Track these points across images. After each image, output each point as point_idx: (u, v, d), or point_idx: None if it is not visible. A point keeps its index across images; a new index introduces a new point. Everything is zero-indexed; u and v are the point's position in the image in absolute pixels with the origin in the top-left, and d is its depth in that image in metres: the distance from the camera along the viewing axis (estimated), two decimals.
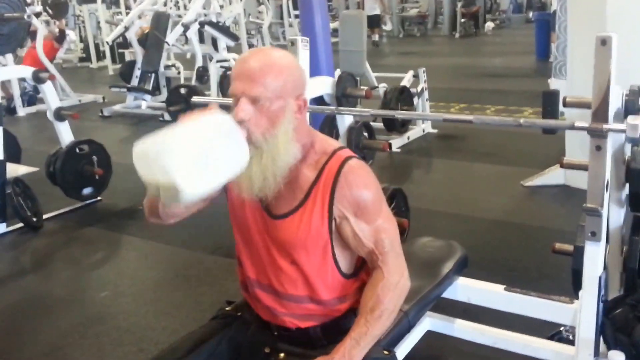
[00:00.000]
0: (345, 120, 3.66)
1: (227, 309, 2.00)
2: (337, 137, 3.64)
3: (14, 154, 5.70)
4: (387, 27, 20.22)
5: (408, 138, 6.81)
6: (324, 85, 3.56)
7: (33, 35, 9.43)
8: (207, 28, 8.86)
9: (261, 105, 1.62)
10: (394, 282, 1.78)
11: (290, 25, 16.15)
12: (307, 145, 1.76)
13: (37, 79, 5.00)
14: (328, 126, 3.73)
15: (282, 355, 1.82)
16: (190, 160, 1.51)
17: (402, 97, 6.40)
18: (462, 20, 19.30)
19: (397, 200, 3.62)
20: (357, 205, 1.74)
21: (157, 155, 1.53)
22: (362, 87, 4.62)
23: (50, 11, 9.73)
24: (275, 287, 1.80)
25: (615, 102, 2.18)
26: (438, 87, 8.98)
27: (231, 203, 1.85)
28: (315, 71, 4.98)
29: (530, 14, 19.54)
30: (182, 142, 1.53)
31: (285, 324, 1.82)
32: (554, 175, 5.07)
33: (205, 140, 1.55)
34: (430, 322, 2.77)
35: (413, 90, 6.82)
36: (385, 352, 1.87)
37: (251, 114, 1.62)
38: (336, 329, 1.82)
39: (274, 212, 1.76)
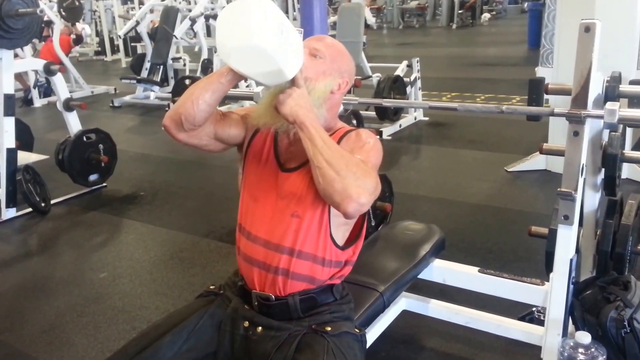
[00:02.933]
0: None
1: (211, 287, 1.99)
2: None
3: (27, 142, 5.71)
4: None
5: (400, 126, 6.75)
6: None
7: (50, 29, 9.43)
8: (212, 22, 8.79)
9: (317, 58, 1.80)
10: (368, 179, 1.61)
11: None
12: (331, 124, 1.86)
13: (48, 71, 4.99)
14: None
15: (259, 329, 1.79)
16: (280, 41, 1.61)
17: (395, 86, 6.34)
18: (460, 11, 19.17)
19: (381, 186, 3.55)
20: (358, 144, 1.76)
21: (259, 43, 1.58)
22: None
23: (64, 14, 9.66)
24: (271, 240, 1.78)
25: (596, 89, 2.12)
26: (432, 76, 8.92)
27: (250, 155, 1.90)
28: None
29: (526, 5, 19.37)
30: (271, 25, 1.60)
31: (265, 291, 1.80)
32: (536, 161, 5.04)
33: (285, 26, 1.64)
34: (405, 302, 2.73)
35: (407, 79, 6.75)
36: (357, 330, 1.84)
37: (306, 59, 1.75)
38: (313, 301, 1.81)
39: (286, 165, 1.82)
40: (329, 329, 1.76)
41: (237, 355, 1.80)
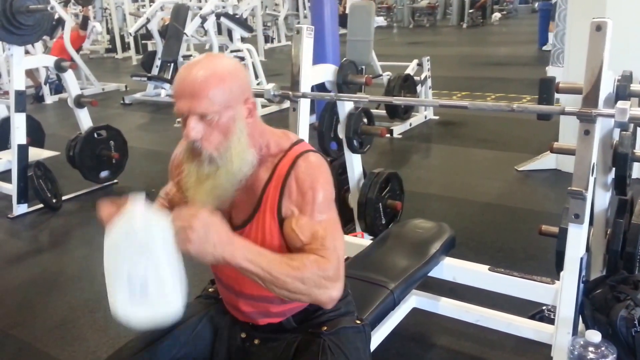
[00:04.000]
0: (345, 107, 3.60)
1: (210, 290, 1.94)
2: (337, 123, 3.58)
3: (38, 139, 5.74)
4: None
5: (410, 125, 6.75)
6: (325, 73, 3.49)
7: (62, 26, 9.46)
8: (222, 19, 8.80)
9: (210, 120, 1.47)
10: (325, 273, 1.49)
11: (305, 17, 16.05)
12: (262, 147, 1.61)
13: (59, 68, 5.01)
14: (329, 112, 3.66)
15: (256, 341, 1.75)
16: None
17: (406, 84, 6.33)
18: (470, 10, 19.12)
19: (392, 184, 3.57)
20: (301, 198, 1.56)
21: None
22: (363, 75, 4.55)
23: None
24: (246, 292, 1.69)
25: (607, 88, 2.13)
26: (442, 75, 8.90)
27: None
28: (321, 60, 4.91)
29: (536, 4, 19.30)
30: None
31: (257, 322, 1.75)
32: (546, 160, 5.03)
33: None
34: (416, 300, 2.74)
35: (417, 78, 6.75)
36: (357, 322, 1.79)
37: (202, 132, 1.48)
38: (306, 313, 1.74)
39: (234, 222, 1.64)
40: (325, 328, 1.69)
41: None
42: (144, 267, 1.36)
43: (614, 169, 2.55)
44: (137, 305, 1.38)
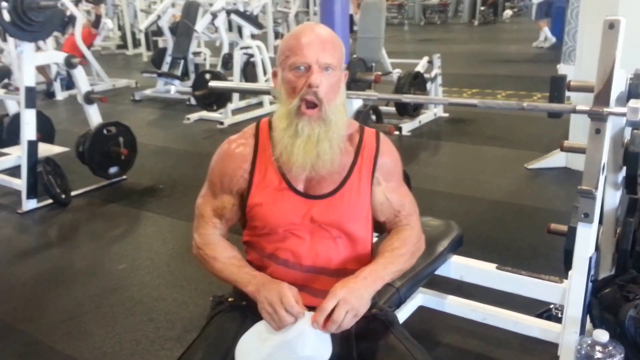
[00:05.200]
0: (354, 104, 3.59)
1: (229, 299, 1.81)
2: None
3: (48, 134, 5.77)
4: None
5: (419, 122, 6.72)
6: None
7: (73, 23, 9.49)
8: (232, 16, 8.80)
9: (329, 74, 1.57)
10: (418, 237, 1.79)
11: (315, 14, 16.01)
12: (346, 121, 1.72)
13: (69, 64, 5.01)
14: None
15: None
16: None
17: (416, 82, 6.32)
18: (482, 8, 19.05)
19: None
20: (389, 171, 1.75)
21: None
22: (373, 72, 4.54)
23: None
24: (315, 265, 1.69)
25: (619, 86, 2.11)
26: (453, 73, 8.88)
27: (258, 204, 1.69)
28: None
29: None
30: None
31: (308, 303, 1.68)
32: (556, 159, 5.01)
33: None
34: (422, 298, 2.73)
35: (427, 75, 6.72)
36: (389, 307, 1.86)
37: (323, 82, 1.56)
38: None
39: (318, 192, 1.67)
40: (374, 310, 1.70)
41: None
42: None
43: (624, 167, 2.53)
44: None
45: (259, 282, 1.62)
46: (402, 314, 2.53)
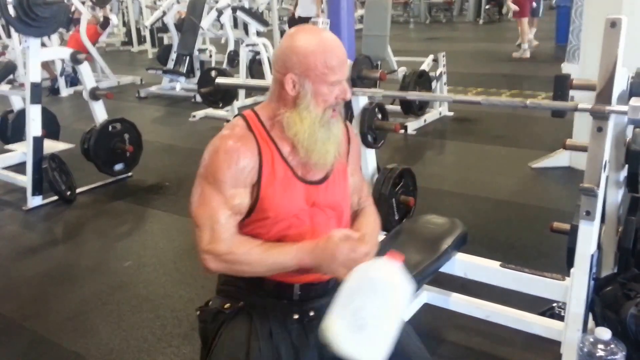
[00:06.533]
0: (359, 102, 3.61)
1: (226, 306, 1.80)
2: (352, 117, 3.60)
3: (53, 131, 5.79)
4: None
5: (425, 121, 6.73)
6: None
7: (78, 19, 9.53)
8: (238, 13, 8.83)
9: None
10: (377, 213, 2.00)
11: (322, 11, 16.00)
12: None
13: (75, 60, 5.06)
14: (344, 107, 3.67)
15: (311, 313, 1.76)
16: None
17: (421, 80, 6.33)
18: (487, 6, 19.02)
19: (405, 180, 3.57)
20: (357, 156, 1.98)
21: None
22: (378, 70, 4.55)
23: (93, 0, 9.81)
24: None
25: (620, 85, 2.13)
26: (458, 71, 8.89)
27: (270, 195, 1.71)
28: None
29: (554, 1, 19.15)
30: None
31: (310, 279, 1.76)
32: (560, 158, 5.02)
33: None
34: (427, 295, 2.76)
35: (432, 74, 6.74)
36: None
37: None
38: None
39: (314, 178, 1.78)
40: None
41: (303, 349, 1.74)
42: (377, 311, 1.52)
43: (626, 166, 2.55)
44: (349, 332, 1.50)
45: (310, 252, 1.65)
46: (407, 312, 2.55)
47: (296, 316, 1.76)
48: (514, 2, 11.91)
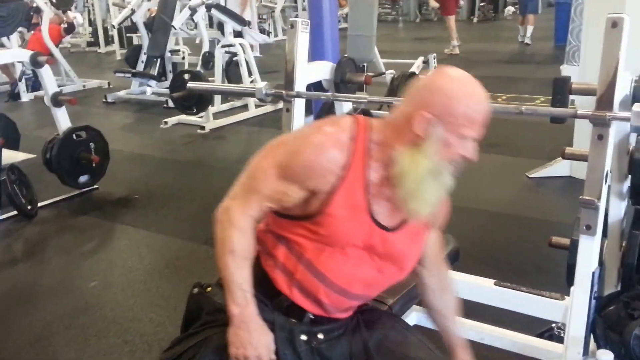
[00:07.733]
0: (343, 108, 3.62)
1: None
2: None
3: (13, 140, 5.73)
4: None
5: None
6: (322, 71, 3.51)
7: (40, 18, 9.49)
8: (213, 11, 8.82)
9: None
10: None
11: (304, 9, 16.06)
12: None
13: (35, 63, 5.02)
14: (326, 113, 3.67)
15: (320, 335, 1.77)
16: None
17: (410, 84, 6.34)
18: (481, 4, 19.14)
19: None
20: (444, 216, 2.01)
21: None
22: (363, 73, 4.56)
23: (54, 1, 9.76)
24: (355, 292, 1.77)
25: (623, 89, 2.13)
26: None
27: (333, 215, 1.68)
28: (319, 56, 4.92)
29: None
30: None
31: (331, 316, 1.80)
32: (559, 167, 5.04)
33: None
34: (416, 316, 2.75)
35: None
36: None
37: None
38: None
39: (386, 222, 1.73)
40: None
41: None
42: None
43: (629, 176, 2.56)
44: None
45: (247, 316, 1.66)
46: None
47: (304, 337, 1.76)
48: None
